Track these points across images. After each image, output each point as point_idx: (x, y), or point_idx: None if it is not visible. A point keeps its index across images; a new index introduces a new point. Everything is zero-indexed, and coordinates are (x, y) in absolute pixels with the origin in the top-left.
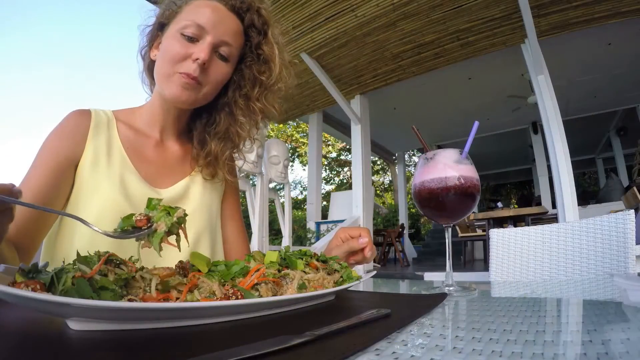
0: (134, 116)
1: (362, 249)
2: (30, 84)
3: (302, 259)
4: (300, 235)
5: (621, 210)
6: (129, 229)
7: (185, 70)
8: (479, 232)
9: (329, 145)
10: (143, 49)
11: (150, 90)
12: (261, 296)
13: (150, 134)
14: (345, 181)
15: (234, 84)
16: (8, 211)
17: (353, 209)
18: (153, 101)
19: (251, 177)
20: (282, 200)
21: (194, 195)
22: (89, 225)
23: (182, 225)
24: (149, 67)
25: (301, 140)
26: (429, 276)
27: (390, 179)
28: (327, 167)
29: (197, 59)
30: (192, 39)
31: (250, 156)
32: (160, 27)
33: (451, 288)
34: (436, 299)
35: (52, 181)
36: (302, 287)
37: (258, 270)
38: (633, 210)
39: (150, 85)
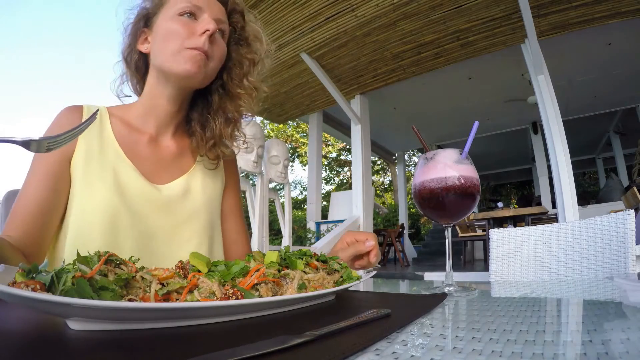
0: (128, 112)
1: (368, 253)
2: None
3: (302, 259)
4: (300, 235)
5: (621, 210)
6: None
7: (194, 44)
8: (479, 232)
9: (329, 145)
10: (126, 50)
11: (136, 91)
12: (261, 296)
13: (144, 130)
14: (345, 181)
15: (226, 65)
16: None
17: (353, 209)
18: (148, 95)
19: (251, 177)
20: (282, 200)
21: (195, 192)
22: None
23: None
24: (137, 64)
25: (301, 140)
26: (429, 276)
27: (390, 179)
28: (327, 167)
29: (206, 30)
30: (192, 16)
31: (250, 156)
32: (145, 21)
33: (451, 288)
34: (436, 299)
35: (51, 183)
36: (302, 287)
37: (258, 270)
38: (633, 210)
39: (137, 85)
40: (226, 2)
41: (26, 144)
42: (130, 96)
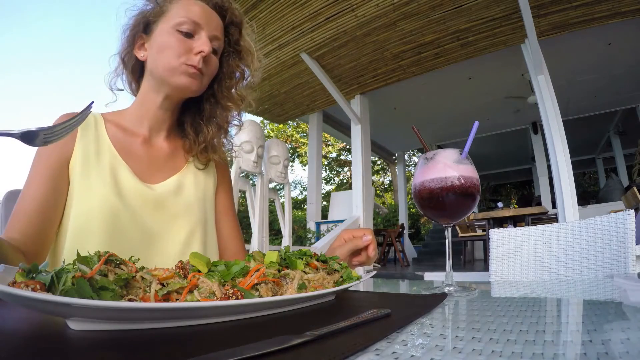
0: (121, 117)
1: (366, 248)
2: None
3: (302, 259)
4: (300, 235)
5: (621, 210)
6: None
7: (190, 62)
8: (479, 232)
9: (329, 145)
10: (123, 52)
11: (130, 88)
12: (261, 296)
13: (138, 132)
14: (345, 181)
15: (217, 76)
16: None
17: (353, 209)
18: (142, 100)
19: (251, 177)
20: (282, 200)
21: (187, 189)
22: None
23: None
24: (133, 67)
25: (301, 140)
26: (429, 276)
27: (390, 179)
28: (327, 167)
29: (201, 51)
30: (189, 35)
31: (250, 156)
32: (144, 27)
33: (451, 288)
34: (436, 299)
35: (51, 185)
36: (302, 287)
37: (258, 270)
38: (633, 210)
39: (131, 85)
40: (225, 16)
41: (23, 136)
42: (122, 89)
